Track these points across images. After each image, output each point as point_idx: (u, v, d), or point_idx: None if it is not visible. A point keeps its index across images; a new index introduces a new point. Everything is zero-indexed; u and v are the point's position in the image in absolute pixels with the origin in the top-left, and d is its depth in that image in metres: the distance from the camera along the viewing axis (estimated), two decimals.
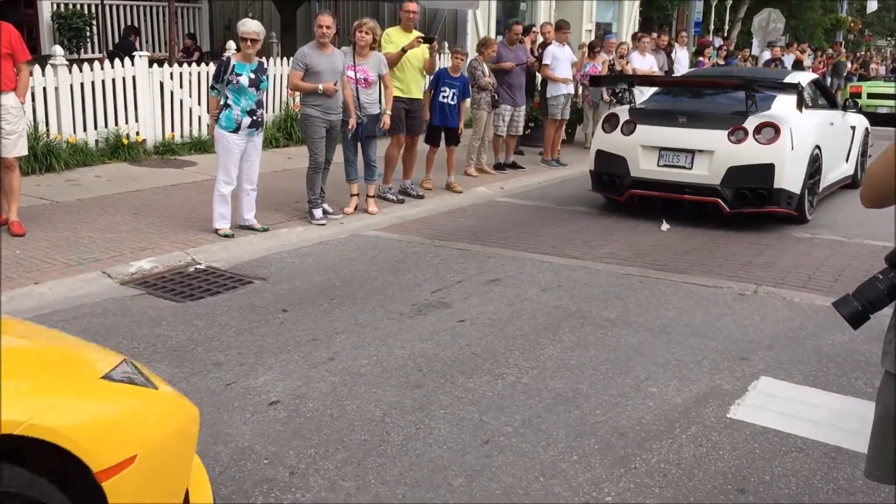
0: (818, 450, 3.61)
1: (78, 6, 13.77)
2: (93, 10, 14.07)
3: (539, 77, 11.68)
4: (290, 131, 11.60)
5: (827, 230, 8.08)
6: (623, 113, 8.66)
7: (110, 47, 14.03)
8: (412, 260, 6.55)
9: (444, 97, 8.99)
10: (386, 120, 7.90)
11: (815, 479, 3.37)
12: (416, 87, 8.62)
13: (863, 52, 36.28)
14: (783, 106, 8.30)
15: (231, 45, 11.34)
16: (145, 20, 15.21)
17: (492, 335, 4.89)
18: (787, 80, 8.86)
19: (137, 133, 10.17)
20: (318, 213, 7.46)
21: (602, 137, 8.67)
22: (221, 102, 6.76)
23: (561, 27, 11.39)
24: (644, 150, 8.23)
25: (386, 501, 3.13)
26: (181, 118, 10.79)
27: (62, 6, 13.52)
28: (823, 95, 9.86)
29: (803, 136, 8.09)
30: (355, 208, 7.91)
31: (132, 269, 5.88)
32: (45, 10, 13.32)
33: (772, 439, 3.69)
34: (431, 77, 9.06)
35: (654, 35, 13.84)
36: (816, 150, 8.35)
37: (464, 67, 9.31)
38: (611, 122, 8.64)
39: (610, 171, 8.50)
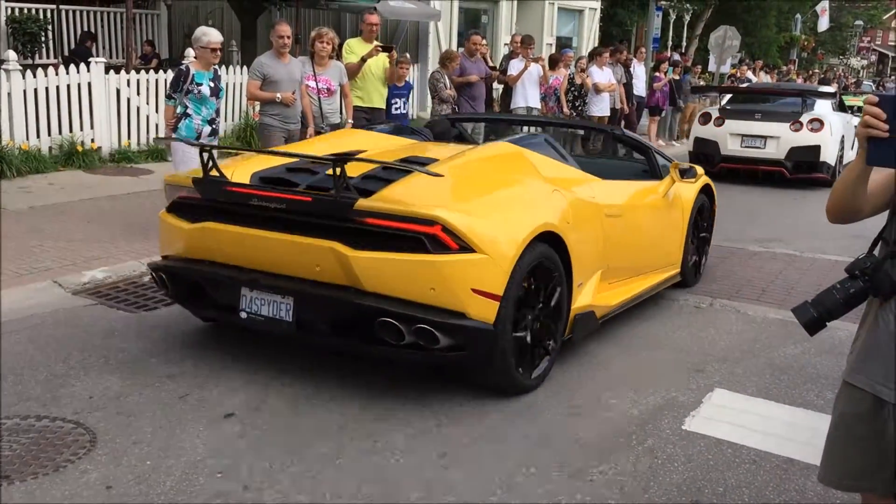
0: (770, 461, 3.65)
1: (33, 10, 13.54)
2: (48, 14, 13.85)
3: (501, 89, 11.75)
4: (248, 140, 11.51)
5: (780, 244, 8.23)
6: (714, 111, 12.87)
7: (66, 53, 13.81)
8: None
9: (396, 108, 9.01)
10: (349, 129, 7.87)
11: (767, 491, 3.41)
12: (378, 97, 8.61)
13: (816, 70, 37.13)
14: (823, 107, 12.62)
15: (190, 52, 11.24)
16: (102, 26, 15.02)
17: None
18: (823, 90, 14.19)
19: (92, 140, 10.02)
20: None
21: (699, 128, 12.78)
22: (179, 111, 6.68)
23: (525, 42, 11.48)
24: (731, 136, 12.27)
25: None
26: (138, 125, 10.65)
27: (17, 10, 13.28)
28: (839, 103, 13.92)
29: (836, 128, 12.28)
30: None
31: (85, 279, 5.77)
32: (0, 13, 13.07)
33: (725, 451, 3.73)
34: (391, 86, 9.05)
35: (611, 50, 14.01)
36: (843, 138, 12.58)
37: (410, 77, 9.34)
38: (705, 118, 12.78)
39: (705, 151, 12.40)
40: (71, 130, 9.81)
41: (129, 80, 10.48)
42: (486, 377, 4.14)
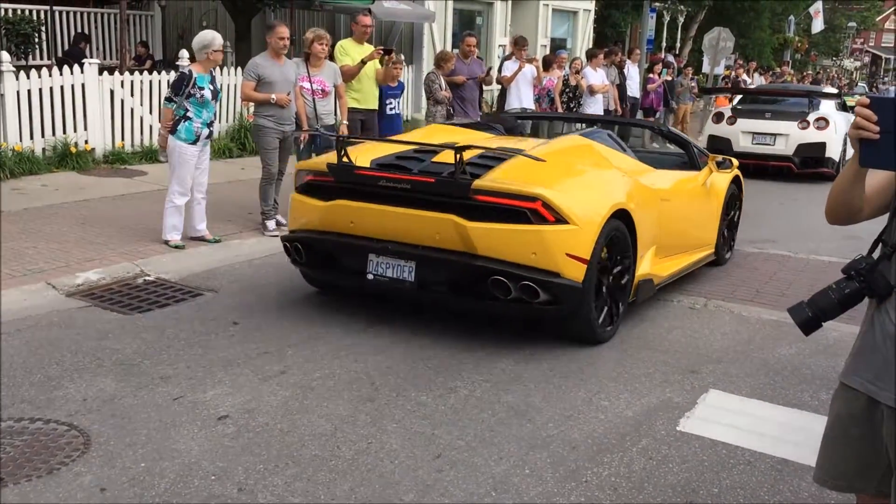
0: (765, 462, 3.66)
1: (26, 12, 13.49)
2: (42, 15, 13.80)
3: (499, 90, 11.75)
4: (243, 142, 11.49)
5: (774, 245, 8.25)
6: (727, 111, 13.75)
7: (59, 54, 13.77)
8: None
9: (391, 108, 9.01)
10: (343, 129, 7.88)
11: (761, 492, 3.42)
12: (373, 98, 8.60)
13: (810, 72, 37.22)
14: (828, 107, 13.47)
15: (185, 53, 11.22)
16: (96, 27, 14.96)
17: (445, 347, 4.87)
18: (826, 90, 15.95)
19: (86, 142, 9.98)
20: (270, 224, 7.39)
21: (713, 126, 13.68)
22: (178, 114, 6.66)
23: (518, 43, 11.48)
24: (743, 134, 13.18)
25: None
26: (132, 127, 10.62)
27: (10, 11, 13.24)
28: (842, 104, 14.57)
29: (840, 126, 12.98)
30: None
31: (78, 281, 5.76)
32: None
33: (720, 452, 3.74)
34: (384, 87, 9.06)
35: (605, 52, 14.04)
36: (846, 136, 12.59)
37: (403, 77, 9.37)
38: (718, 117, 13.70)
39: (718, 147, 12.48)
40: (65, 132, 9.78)
41: (122, 82, 10.45)
42: (572, 328, 5.03)
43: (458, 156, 4.74)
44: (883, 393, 2.08)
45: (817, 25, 38.61)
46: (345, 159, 5.14)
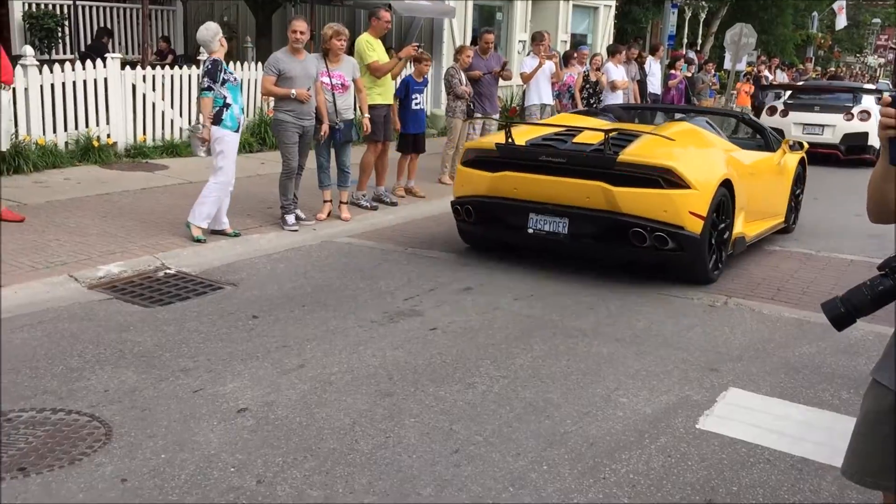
0: (785, 461, 3.63)
1: (50, 6, 13.61)
2: (65, 10, 13.91)
3: (515, 87, 11.73)
4: (263, 136, 11.53)
5: (796, 243, 8.18)
6: (780, 105, 15.53)
7: (82, 48, 13.87)
8: (385, 267, 6.53)
9: (416, 104, 9.01)
10: (367, 123, 7.91)
11: (781, 491, 3.39)
12: (391, 94, 8.65)
13: (834, 69, 36.87)
14: (869, 101, 15.15)
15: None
16: (118, 22, 15.05)
17: (463, 344, 4.88)
18: (867, 87, 18.52)
19: (108, 136, 10.06)
20: (290, 218, 7.42)
21: (767, 119, 14.64)
22: (220, 103, 6.70)
23: (536, 39, 11.45)
24: (794, 125, 14.63)
25: None
26: (153, 121, 10.69)
27: (34, 6, 13.35)
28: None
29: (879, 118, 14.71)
30: (328, 214, 7.88)
31: (100, 274, 5.81)
32: (17, 9, 13.14)
33: (740, 450, 3.71)
34: (411, 82, 9.08)
35: (627, 48, 13.97)
36: None
37: (428, 73, 9.39)
38: (772, 110, 15.31)
39: None
40: (87, 126, 9.86)
41: (144, 76, 10.51)
42: (690, 271, 6.41)
43: (606, 136, 6.25)
44: None
45: (841, 22, 38.24)
46: (509, 140, 6.53)
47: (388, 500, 3.18)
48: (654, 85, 15.14)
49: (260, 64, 11.64)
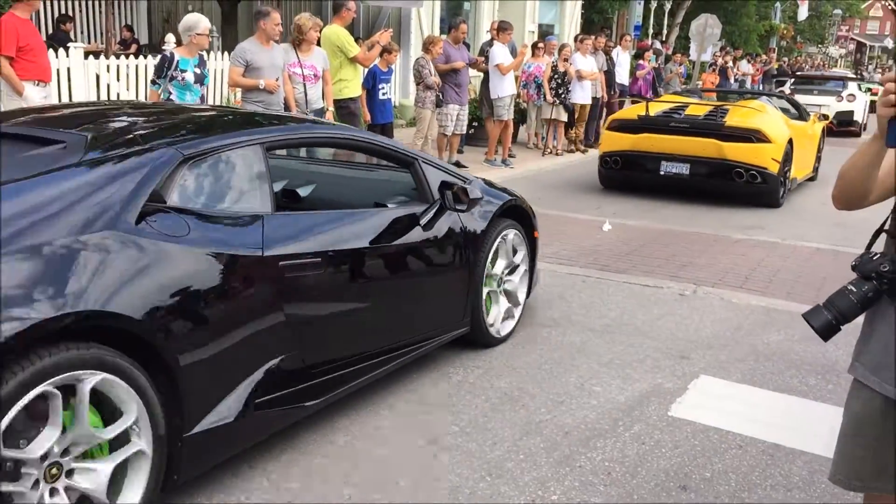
0: (756, 447, 3.69)
1: None
2: None
3: (482, 76, 11.73)
4: None
5: (762, 231, 8.30)
6: (787, 89, 20.24)
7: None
8: None
9: (383, 94, 9.00)
10: (329, 116, 7.86)
11: (753, 476, 3.45)
12: (360, 85, 8.63)
13: (795, 59, 37.34)
14: (853, 87, 20.53)
15: (171, 38, 11.15)
16: (80, 11, 14.80)
17: None
18: (852, 75, 26.26)
19: None
20: None
21: None
22: (163, 97, 6.61)
23: (504, 28, 11.45)
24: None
25: (332, 502, 3.10)
26: None
27: None
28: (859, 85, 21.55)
29: (861, 99, 20.01)
30: None
31: None
32: None
33: (712, 437, 3.76)
34: (378, 72, 9.06)
35: (593, 38, 14.02)
36: (867, 105, 19.93)
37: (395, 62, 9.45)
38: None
39: None
40: None
41: (108, 66, 10.36)
42: (769, 197, 9.58)
43: (716, 108, 9.99)
44: None
45: (803, 12, 38.77)
46: (647, 113, 9.96)
47: (366, 492, 3.17)
48: (622, 75, 15.21)
49: (226, 54, 11.51)
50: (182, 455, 2.81)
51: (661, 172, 9.62)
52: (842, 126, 18.67)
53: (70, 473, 2.49)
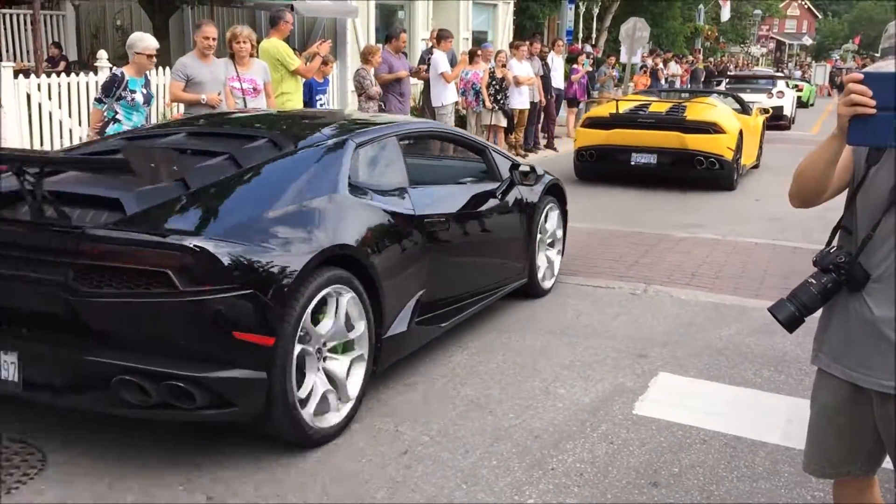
0: (719, 440, 3.80)
1: None
2: None
3: (422, 84, 11.77)
4: None
5: (703, 229, 8.51)
6: (723, 87, 21.48)
7: None
8: None
9: (321, 105, 8.99)
10: None
11: (719, 469, 3.54)
12: (301, 98, 8.59)
13: (719, 59, 38.33)
14: (781, 84, 23.11)
15: (103, 54, 10.91)
16: (4, 28, 14.37)
17: None
18: (780, 74, 28.77)
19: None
20: None
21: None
22: (107, 116, 6.46)
23: (445, 36, 11.52)
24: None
25: None
26: (50, 131, 10.25)
27: None
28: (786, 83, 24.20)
29: (789, 95, 22.63)
30: None
31: None
32: None
33: (676, 432, 3.86)
34: (314, 84, 9.03)
35: (528, 44, 14.18)
36: (794, 101, 22.90)
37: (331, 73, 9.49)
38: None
39: None
40: None
41: (39, 85, 10.08)
42: (725, 181, 11.01)
43: (676, 105, 11.29)
44: (869, 379, 2.13)
45: (725, 14, 39.81)
46: (617, 111, 11.28)
47: None
48: (557, 80, 15.42)
49: (160, 69, 11.30)
50: (380, 353, 3.98)
51: (632, 163, 10.88)
52: (772, 120, 19.25)
53: (325, 360, 3.65)
